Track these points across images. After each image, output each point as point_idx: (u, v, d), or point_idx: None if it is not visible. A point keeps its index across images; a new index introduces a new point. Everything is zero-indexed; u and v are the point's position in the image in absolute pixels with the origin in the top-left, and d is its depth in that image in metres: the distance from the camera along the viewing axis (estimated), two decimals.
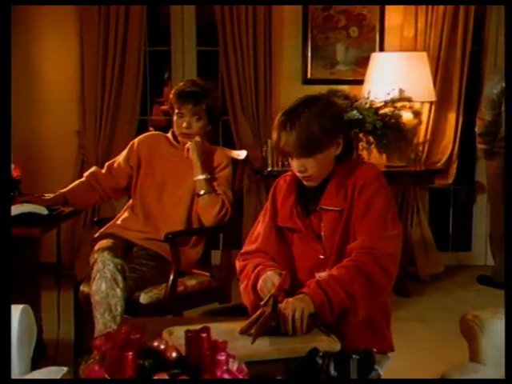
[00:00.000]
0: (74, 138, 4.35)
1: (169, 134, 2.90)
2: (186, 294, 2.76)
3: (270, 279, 1.89)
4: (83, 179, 2.84)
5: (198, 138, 2.77)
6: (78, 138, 4.34)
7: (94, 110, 4.28)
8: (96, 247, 2.62)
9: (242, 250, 2.09)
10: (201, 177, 2.73)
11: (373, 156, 4.08)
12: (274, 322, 1.73)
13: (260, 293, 1.90)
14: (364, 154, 4.06)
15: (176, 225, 2.77)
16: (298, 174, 1.94)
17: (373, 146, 4.03)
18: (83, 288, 2.69)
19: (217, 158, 2.83)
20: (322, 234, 1.96)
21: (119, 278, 2.53)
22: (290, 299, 1.76)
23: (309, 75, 4.50)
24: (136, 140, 2.91)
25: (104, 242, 2.65)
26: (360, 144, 4.02)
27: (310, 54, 4.48)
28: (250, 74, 4.29)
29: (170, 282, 2.65)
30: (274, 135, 1.89)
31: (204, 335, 1.53)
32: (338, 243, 1.94)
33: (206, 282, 2.86)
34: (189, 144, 2.76)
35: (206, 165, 2.78)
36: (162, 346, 1.52)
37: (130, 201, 2.89)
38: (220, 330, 1.71)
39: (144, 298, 2.62)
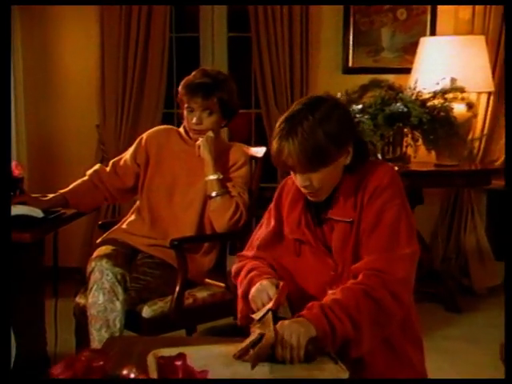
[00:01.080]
0: (94, 133, 4.31)
1: (181, 129, 2.79)
2: (195, 307, 2.65)
3: (265, 290, 1.76)
4: (86, 178, 2.76)
5: (210, 134, 2.65)
6: (98, 132, 4.30)
7: (114, 102, 4.23)
8: (94, 254, 2.53)
9: (241, 253, 2.00)
10: (212, 177, 2.61)
11: (420, 154, 3.88)
12: (273, 347, 1.60)
13: (252, 303, 1.78)
14: (409, 151, 3.87)
15: (186, 230, 2.67)
16: (302, 189, 1.81)
17: (419, 142, 3.83)
18: (79, 300, 2.61)
19: (232, 155, 2.71)
20: (332, 247, 1.83)
21: (119, 289, 2.43)
22: (287, 322, 1.63)
23: (350, 63, 4.33)
24: (144, 135, 2.81)
25: (103, 249, 2.56)
26: (404, 140, 3.82)
27: (351, 40, 4.31)
28: (284, 62, 4.16)
29: (175, 293, 2.54)
30: (274, 145, 1.74)
31: (178, 363, 1.42)
32: (350, 259, 1.80)
33: (220, 293, 2.75)
34: (200, 141, 2.64)
35: (219, 163, 2.67)
36: (132, 375, 1.42)
37: (138, 202, 2.80)
38: (216, 352, 1.63)
39: (147, 311, 2.52)
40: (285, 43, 4.15)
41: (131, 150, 2.79)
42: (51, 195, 2.72)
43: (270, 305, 1.69)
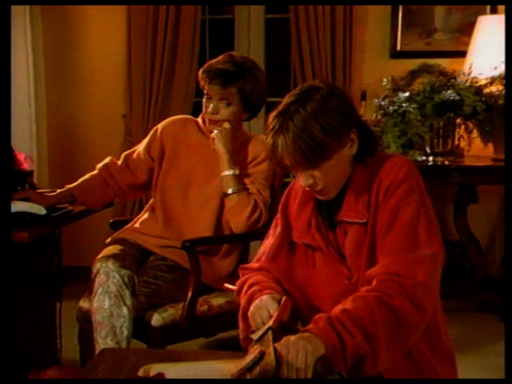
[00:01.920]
0: (120, 123, 4.26)
1: (199, 118, 2.67)
2: (210, 315, 2.53)
3: (264, 306, 1.65)
4: (95, 172, 2.67)
5: (226, 125, 2.52)
6: (125, 122, 4.24)
7: (142, 90, 4.17)
8: (100, 255, 2.44)
9: (244, 265, 1.90)
10: (228, 172, 2.49)
11: (475, 147, 3.67)
12: (278, 367, 1.47)
13: (251, 321, 1.67)
14: (462, 144, 3.66)
15: (202, 230, 2.56)
16: (307, 189, 1.72)
17: (474, 134, 3.61)
18: (82, 303, 2.53)
19: (252, 149, 2.59)
20: (346, 252, 1.71)
21: (126, 293, 2.34)
22: (293, 337, 1.50)
23: (398, 47, 4.14)
24: (159, 125, 2.70)
25: (110, 249, 2.47)
26: (456, 132, 3.62)
27: (400, 21, 4.11)
28: (326, 46, 4.02)
29: (187, 299, 2.43)
30: (268, 143, 1.66)
31: None
32: (365, 266, 1.67)
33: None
34: (214, 133, 2.52)
35: (237, 158, 2.55)
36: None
37: (152, 199, 2.70)
38: (214, 370, 1.56)
39: (156, 318, 2.42)
40: (326, 25, 4.01)
41: (145, 141, 2.69)
42: (59, 190, 2.63)
43: (270, 323, 1.57)
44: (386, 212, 1.65)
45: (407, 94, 3.61)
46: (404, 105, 3.56)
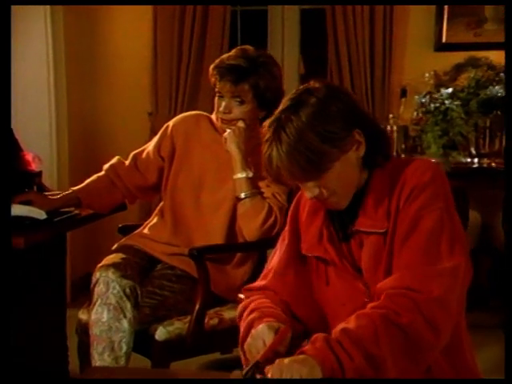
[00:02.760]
0: (146, 121, 4.22)
1: (213, 115, 2.60)
2: (221, 329, 2.44)
3: (260, 337, 1.54)
4: (101, 173, 2.62)
5: (240, 124, 2.44)
6: (150, 120, 4.21)
7: (168, 87, 4.14)
8: (100, 263, 2.38)
9: (248, 285, 1.81)
10: (240, 175, 2.41)
11: None
12: None
13: (247, 354, 1.57)
14: None
15: (214, 236, 2.48)
16: (315, 200, 1.63)
17: None
18: (81, 315, 2.47)
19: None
20: (362, 266, 1.62)
21: (127, 305, 2.28)
22: (286, 360, 1.43)
23: (444, 39, 4.03)
24: (171, 122, 2.64)
25: (111, 257, 2.41)
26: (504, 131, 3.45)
27: (446, 10, 3.98)
28: (364, 38, 3.94)
29: (194, 312, 2.35)
30: (264, 156, 1.59)
31: None
32: (383, 279, 1.57)
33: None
34: (227, 132, 2.44)
35: (252, 159, 2.46)
36: None
37: (161, 203, 2.63)
38: None
39: (161, 332, 2.35)
40: (364, 15, 3.93)
41: (155, 140, 2.63)
42: (64, 193, 2.60)
43: (257, 356, 1.48)
44: (406, 220, 1.55)
45: (450, 89, 3.49)
46: (446, 102, 3.46)
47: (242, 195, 2.41)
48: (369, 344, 1.43)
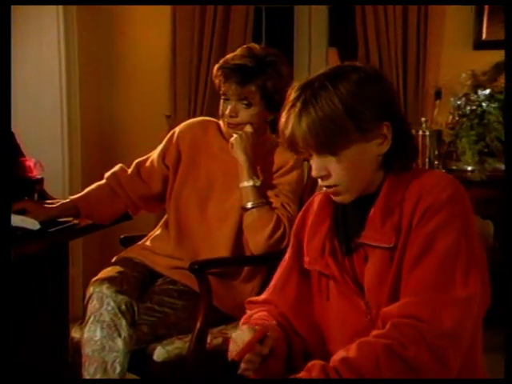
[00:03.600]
0: (163, 124, 4.18)
1: (221, 121, 2.54)
2: (225, 349, 2.32)
3: (240, 338, 1.56)
4: (102, 182, 2.58)
5: (248, 128, 2.38)
6: (168, 123, 4.17)
7: (187, 89, 4.09)
8: (95, 277, 2.33)
9: (251, 298, 1.86)
10: (247, 183, 2.35)
11: None
12: None
13: (229, 357, 1.58)
14: None
15: (220, 249, 2.43)
16: (319, 181, 1.61)
17: None
18: (74, 334, 2.42)
19: (279, 156, 2.45)
20: (365, 283, 1.57)
21: (122, 323, 2.22)
22: None
23: (484, 35, 3.90)
24: (177, 129, 2.61)
25: (107, 271, 2.37)
26: None
27: (487, 6, 3.83)
28: (396, 37, 3.83)
29: (195, 330, 2.29)
30: (281, 119, 1.57)
31: None
32: (386, 302, 1.52)
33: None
34: (233, 138, 2.38)
35: (261, 167, 2.42)
36: None
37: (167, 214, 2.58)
38: None
39: (160, 352, 2.29)
40: (396, 11, 3.81)
41: (160, 147, 2.59)
42: (61, 201, 2.55)
43: (233, 355, 1.52)
44: (418, 239, 1.50)
45: (488, 91, 3.35)
46: (483, 104, 3.32)
47: (249, 205, 2.35)
48: (369, 375, 1.39)
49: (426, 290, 1.45)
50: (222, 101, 2.43)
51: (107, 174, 2.58)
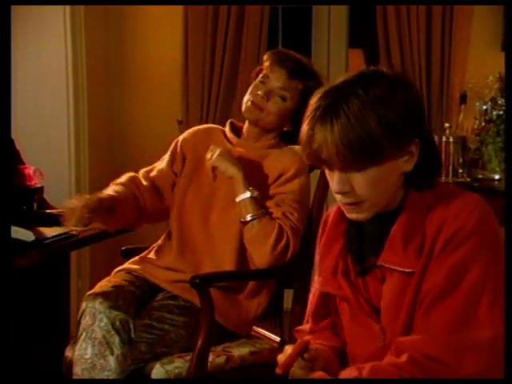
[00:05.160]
0: (175, 130, 4.13)
1: (226, 127, 2.55)
2: (228, 368, 2.34)
3: (286, 351, 1.57)
4: (121, 186, 2.48)
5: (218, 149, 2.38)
6: (180, 129, 4.12)
7: (199, 93, 4.07)
8: (89, 291, 2.30)
9: (299, 327, 1.84)
10: (244, 196, 2.32)
11: None
12: None
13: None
14: None
15: (224, 261, 2.40)
16: (337, 196, 1.54)
17: None
18: (67, 353, 2.38)
19: (276, 163, 2.41)
20: (382, 306, 1.54)
21: (116, 340, 2.18)
22: None
23: None
24: (180, 137, 2.61)
25: (103, 285, 2.33)
26: None
27: None
28: (419, 39, 3.77)
29: (196, 349, 2.24)
30: (305, 128, 1.50)
31: None
32: (402, 326, 1.50)
33: (267, 350, 2.42)
34: (213, 159, 2.35)
35: (258, 176, 2.40)
36: None
37: None
38: None
39: (158, 372, 2.24)
40: (420, 10, 3.75)
41: (166, 157, 2.58)
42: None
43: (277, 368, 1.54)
44: (442, 271, 1.45)
45: None
46: None
47: (248, 217, 2.32)
48: None
49: (448, 329, 1.42)
50: (255, 83, 2.43)
51: (124, 180, 2.51)
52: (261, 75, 2.43)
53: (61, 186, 3.69)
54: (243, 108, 2.45)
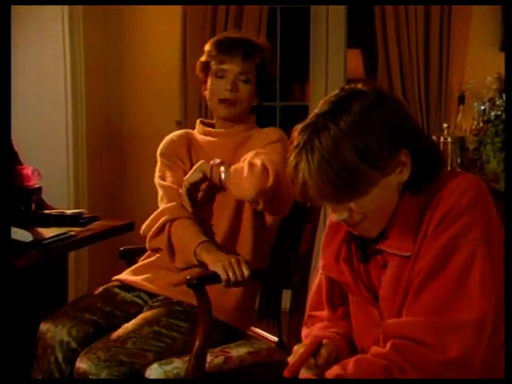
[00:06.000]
0: (174, 130, 4.10)
1: (198, 127, 2.61)
2: (227, 369, 2.33)
3: (297, 352, 1.58)
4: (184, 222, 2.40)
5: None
6: (179, 130, 4.13)
7: (198, 94, 3.95)
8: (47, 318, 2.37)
9: (309, 312, 1.81)
10: (214, 162, 2.33)
11: None
12: None
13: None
14: None
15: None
16: (342, 222, 1.56)
17: None
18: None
19: (262, 136, 2.44)
20: (381, 292, 1.55)
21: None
22: None
23: None
24: (158, 151, 2.63)
25: (65, 311, 2.39)
26: None
27: None
28: (417, 39, 3.82)
29: (194, 349, 2.24)
30: (288, 167, 1.50)
31: None
32: (398, 309, 1.50)
33: (265, 351, 2.42)
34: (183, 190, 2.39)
35: (231, 160, 2.38)
36: None
37: None
38: None
39: (156, 372, 2.23)
40: (418, 11, 3.79)
41: (169, 174, 2.52)
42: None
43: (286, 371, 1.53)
44: (433, 251, 1.45)
45: None
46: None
47: (223, 174, 2.31)
48: None
49: (434, 311, 1.42)
50: (211, 80, 2.43)
51: (171, 216, 2.39)
52: (214, 71, 2.42)
53: (59, 187, 3.70)
54: (215, 108, 2.47)
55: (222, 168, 2.31)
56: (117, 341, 2.21)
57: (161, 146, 2.61)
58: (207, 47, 2.45)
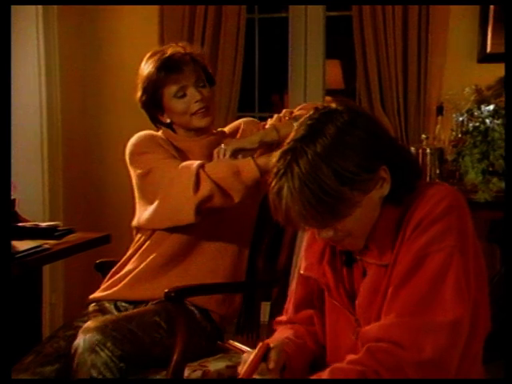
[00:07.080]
0: None
1: (160, 132, 2.62)
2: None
3: (247, 357, 1.59)
4: None
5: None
6: None
7: None
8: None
9: (277, 318, 1.85)
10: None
11: None
12: None
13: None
14: None
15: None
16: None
17: None
18: None
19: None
20: (357, 299, 1.58)
21: None
22: None
23: (489, 48, 3.86)
24: (127, 157, 2.69)
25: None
26: None
27: (492, 15, 3.81)
28: (396, 48, 3.81)
29: (172, 364, 2.23)
30: (273, 188, 1.52)
31: None
32: (376, 317, 1.52)
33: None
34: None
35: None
36: None
37: None
38: None
39: None
40: (396, 22, 3.80)
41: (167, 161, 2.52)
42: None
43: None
44: (408, 256, 1.48)
45: (492, 106, 3.31)
46: (487, 120, 3.27)
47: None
48: None
49: (409, 312, 1.44)
50: (174, 102, 2.45)
51: None
52: (169, 95, 2.45)
53: (33, 199, 3.66)
54: (188, 122, 2.46)
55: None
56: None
57: (136, 144, 2.63)
58: (154, 74, 2.46)
